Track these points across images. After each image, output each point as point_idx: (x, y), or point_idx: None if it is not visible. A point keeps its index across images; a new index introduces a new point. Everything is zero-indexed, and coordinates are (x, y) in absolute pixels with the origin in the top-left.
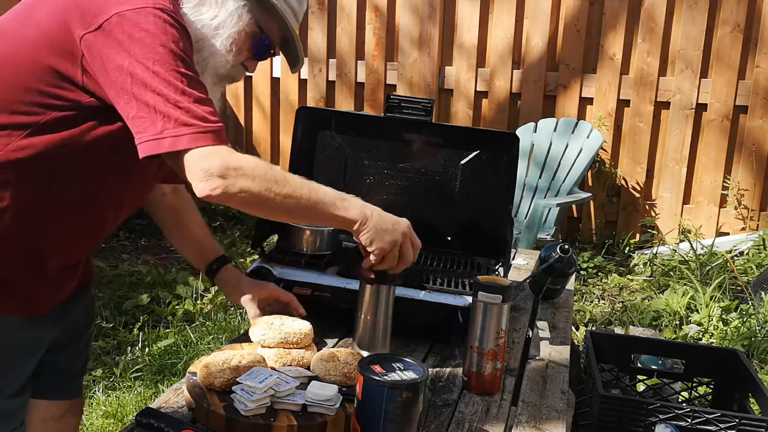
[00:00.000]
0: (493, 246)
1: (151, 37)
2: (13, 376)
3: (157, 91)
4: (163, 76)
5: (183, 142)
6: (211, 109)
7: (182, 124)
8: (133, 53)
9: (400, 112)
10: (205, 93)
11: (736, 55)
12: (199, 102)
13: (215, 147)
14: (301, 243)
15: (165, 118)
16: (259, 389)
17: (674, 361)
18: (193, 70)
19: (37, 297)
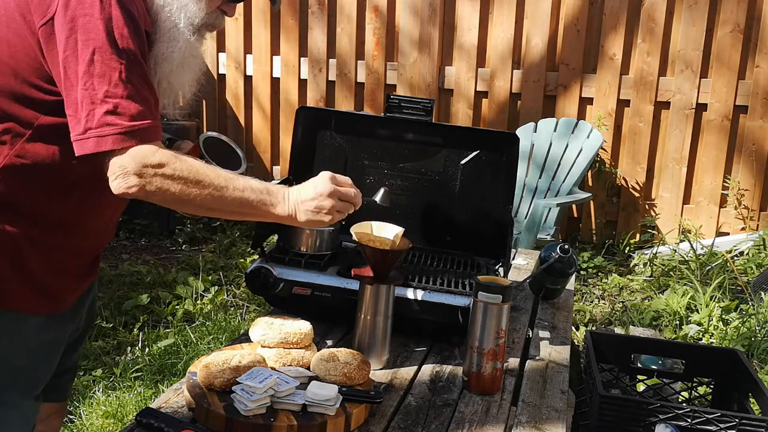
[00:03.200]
0: (493, 246)
1: (93, 23)
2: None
3: (86, 86)
4: (98, 66)
5: (107, 144)
6: (141, 108)
7: (105, 123)
8: (71, 43)
9: (400, 112)
10: (145, 84)
11: (736, 55)
12: (131, 98)
13: (138, 147)
14: (301, 243)
15: (89, 116)
16: (259, 389)
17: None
18: (136, 58)
19: (61, 294)
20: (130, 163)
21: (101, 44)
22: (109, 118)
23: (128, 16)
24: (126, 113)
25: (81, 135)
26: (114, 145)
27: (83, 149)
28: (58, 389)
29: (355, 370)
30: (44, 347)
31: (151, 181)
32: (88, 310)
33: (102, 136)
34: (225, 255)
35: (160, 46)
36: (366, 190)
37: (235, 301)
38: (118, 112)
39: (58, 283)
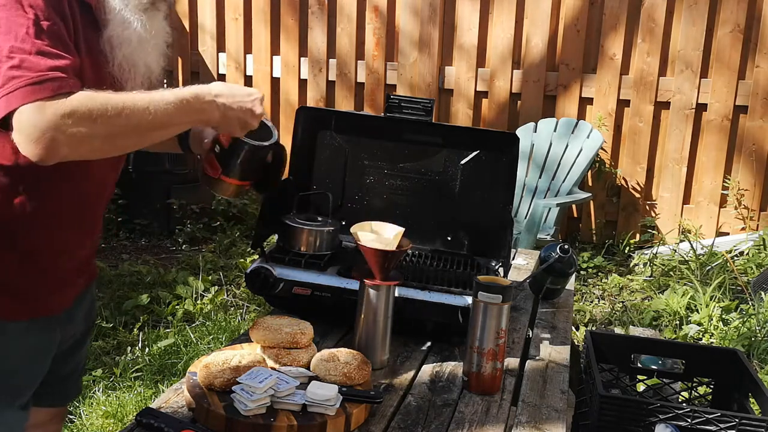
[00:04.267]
0: (493, 246)
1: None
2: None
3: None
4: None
5: (17, 99)
6: (51, 63)
7: (11, 77)
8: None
9: (400, 112)
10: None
11: (736, 55)
12: (40, 53)
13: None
14: (301, 243)
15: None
16: (259, 389)
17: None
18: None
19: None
20: (42, 118)
21: (5, 1)
22: (14, 72)
23: None
24: (32, 67)
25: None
26: (24, 98)
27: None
28: (59, 395)
29: (355, 370)
30: (26, 354)
31: (72, 133)
32: (87, 315)
33: (10, 92)
34: (225, 255)
35: (113, 29)
36: (366, 190)
37: (235, 301)
38: (24, 67)
39: (39, 285)
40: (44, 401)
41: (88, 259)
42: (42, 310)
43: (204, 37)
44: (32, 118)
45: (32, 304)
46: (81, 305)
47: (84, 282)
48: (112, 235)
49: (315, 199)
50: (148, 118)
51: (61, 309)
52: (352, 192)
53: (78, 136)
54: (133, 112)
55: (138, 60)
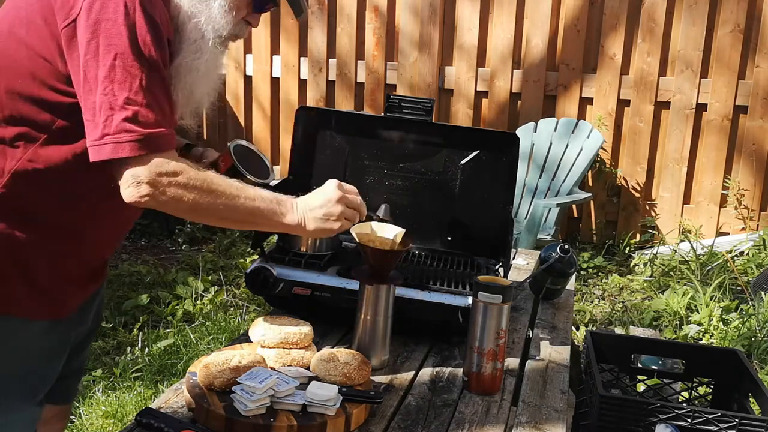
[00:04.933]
0: (493, 246)
1: (117, 28)
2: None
3: (106, 92)
4: (119, 72)
5: (124, 150)
6: (158, 117)
7: (123, 130)
8: (92, 46)
9: (400, 112)
10: (164, 93)
11: (736, 55)
12: (150, 106)
13: (153, 155)
14: (301, 243)
15: (107, 122)
16: (259, 389)
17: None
18: (157, 66)
19: (66, 299)
20: (144, 171)
21: (123, 50)
22: (128, 125)
23: (152, 23)
24: (144, 121)
25: (97, 140)
26: (131, 152)
27: (99, 155)
28: (63, 392)
29: (355, 370)
30: (47, 352)
31: (165, 191)
32: (95, 313)
33: (119, 142)
34: (225, 255)
35: (184, 57)
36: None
37: (235, 301)
38: (137, 120)
39: (63, 288)
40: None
41: (105, 263)
42: (63, 311)
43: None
44: (135, 169)
45: (55, 305)
46: (93, 305)
47: (99, 283)
48: None
49: None
50: (234, 207)
51: (76, 309)
52: None
53: (167, 195)
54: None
55: (196, 90)
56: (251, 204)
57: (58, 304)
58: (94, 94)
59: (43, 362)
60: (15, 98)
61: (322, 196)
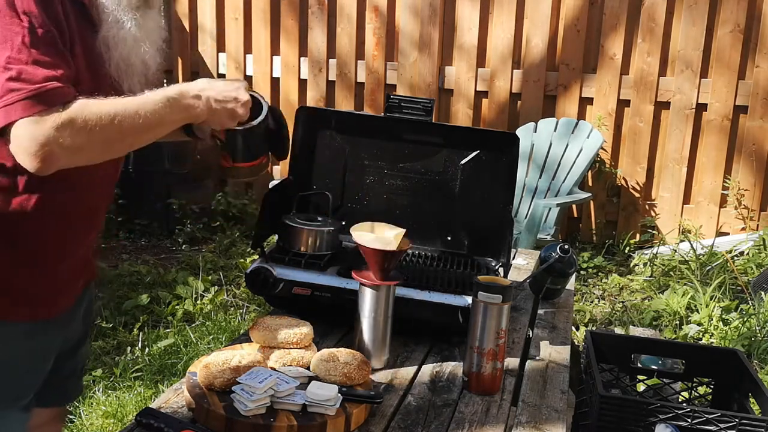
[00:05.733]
0: (493, 246)
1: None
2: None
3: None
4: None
5: (17, 111)
6: (46, 73)
7: (9, 90)
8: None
9: (400, 112)
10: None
11: (736, 55)
12: (36, 63)
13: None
14: (301, 243)
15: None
16: (259, 389)
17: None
18: (39, 21)
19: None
20: (39, 132)
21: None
22: (12, 84)
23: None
24: (30, 78)
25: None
26: (24, 111)
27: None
28: (60, 394)
29: (355, 370)
30: (30, 355)
31: (69, 144)
32: (84, 316)
33: (9, 104)
34: (225, 255)
35: (107, 30)
36: (366, 190)
37: (235, 301)
38: (21, 78)
39: (42, 288)
40: (45, 401)
41: (88, 260)
42: (45, 312)
43: (204, 37)
44: (30, 132)
45: (35, 306)
46: (81, 305)
47: (84, 282)
48: (112, 235)
49: (315, 199)
50: (139, 121)
51: (63, 310)
52: (352, 192)
53: (74, 147)
54: (125, 118)
55: (134, 59)
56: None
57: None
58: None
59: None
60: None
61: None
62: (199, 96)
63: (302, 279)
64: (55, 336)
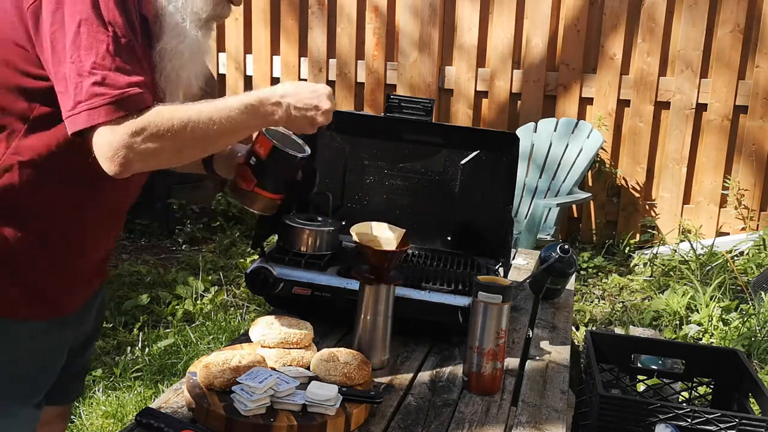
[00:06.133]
0: (493, 246)
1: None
2: (41, 383)
3: (72, 59)
4: (84, 38)
5: (100, 115)
6: (128, 80)
7: (94, 94)
8: (57, 17)
9: (400, 112)
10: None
11: (736, 55)
12: (119, 70)
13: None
14: (301, 243)
15: (77, 89)
16: (259, 389)
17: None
18: (122, 30)
19: (62, 298)
20: (115, 137)
21: (87, 16)
22: (98, 89)
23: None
24: (114, 84)
25: (71, 110)
26: (107, 116)
27: (75, 125)
28: (64, 393)
29: (355, 370)
30: (43, 353)
31: (143, 149)
32: (96, 314)
33: (93, 108)
34: (225, 255)
35: (167, 41)
36: (366, 190)
37: (235, 301)
38: (105, 83)
39: (59, 287)
40: (52, 399)
41: (104, 261)
42: (61, 310)
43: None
44: (107, 138)
45: (53, 305)
46: (93, 305)
47: (98, 283)
48: None
49: (315, 199)
50: (213, 127)
51: (77, 308)
52: (352, 192)
53: (147, 152)
54: (198, 124)
55: (182, 73)
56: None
57: (54, 304)
58: (64, 64)
59: (41, 363)
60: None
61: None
62: (279, 103)
63: (302, 279)
64: (68, 334)
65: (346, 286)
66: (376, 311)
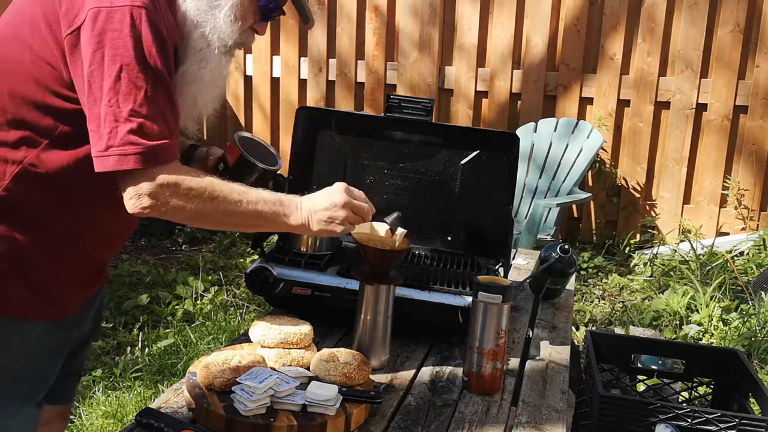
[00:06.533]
0: (493, 246)
1: (122, 39)
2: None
3: (110, 103)
4: (124, 84)
5: (129, 163)
6: (162, 128)
7: (128, 142)
8: (97, 57)
9: (400, 112)
10: (168, 104)
11: (736, 55)
12: (155, 118)
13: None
14: (301, 243)
15: (111, 133)
16: (259, 389)
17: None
18: (162, 77)
19: (66, 300)
20: (146, 184)
21: (129, 61)
22: (132, 137)
23: (157, 34)
24: (149, 133)
25: (102, 152)
26: (135, 164)
27: (103, 166)
28: (63, 392)
29: (355, 370)
30: (47, 353)
31: (166, 202)
32: (95, 314)
33: (124, 154)
34: (225, 255)
35: (189, 65)
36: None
37: (235, 301)
38: (142, 132)
39: (63, 290)
40: (52, 399)
41: (107, 263)
42: (63, 312)
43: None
44: (135, 181)
45: (55, 306)
46: (92, 305)
47: (100, 284)
48: None
49: None
50: (237, 209)
51: (78, 309)
52: None
53: (169, 207)
54: (224, 200)
55: (200, 98)
56: (254, 208)
57: (58, 305)
58: (99, 105)
59: (43, 363)
60: (18, 102)
61: (327, 199)
62: (299, 209)
63: (302, 279)
64: (69, 334)
65: (346, 286)
66: (376, 311)
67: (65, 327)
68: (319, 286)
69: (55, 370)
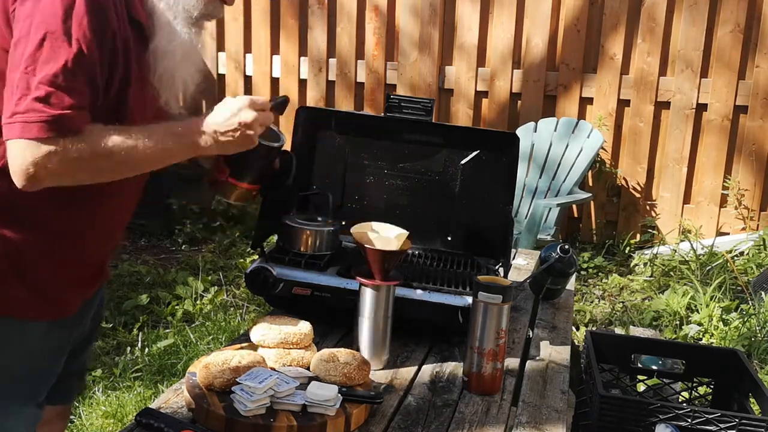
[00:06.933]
0: (493, 246)
1: (53, 7)
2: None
3: (27, 70)
4: (45, 51)
5: (32, 131)
6: (73, 101)
7: (32, 110)
8: (26, 24)
9: (400, 112)
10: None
11: (736, 55)
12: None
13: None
14: (301, 243)
15: (20, 100)
16: (259, 389)
17: (674, 361)
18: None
19: (66, 300)
20: (32, 154)
21: (54, 29)
22: (38, 105)
23: (93, 7)
24: (57, 103)
25: (8, 119)
26: (38, 133)
27: (8, 134)
28: (63, 392)
29: (355, 371)
30: (47, 353)
31: (56, 170)
32: (95, 314)
33: (27, 122)
34: (225, 255)
35: (159, 41)
36: (366, 190)
37: (235, 301)
38: (48, 101)
39: (63, 289)
40: (52, 399)
41: (106, 262)
42: (63, 311)
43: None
44: (22, 153)
45: (55, 306)
46: (92, 305)
47: (99, 283)
48: None
49: (315, 199)
50: (137, 155)
51: (77, 309)
52: (352, 192)
53: (60, 173)
54: (121, 151)
55: (177, 74)
56: (158, 147)
57: (57, 305)
58: (17, 71)
59: (43, 363)
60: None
61: (228, 108)
62: (203, 132)
63: (302, 279)
64: (70, 334)
65: (346, 286)
66: (376, 311)
67: (65, 327)
68: (319, 287)
69: (55, 371)
